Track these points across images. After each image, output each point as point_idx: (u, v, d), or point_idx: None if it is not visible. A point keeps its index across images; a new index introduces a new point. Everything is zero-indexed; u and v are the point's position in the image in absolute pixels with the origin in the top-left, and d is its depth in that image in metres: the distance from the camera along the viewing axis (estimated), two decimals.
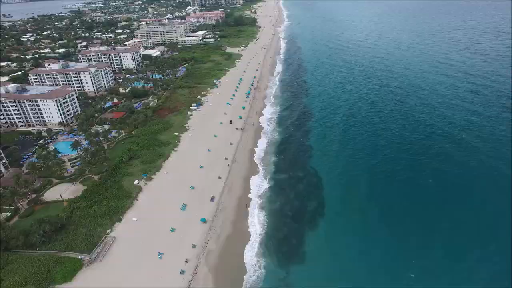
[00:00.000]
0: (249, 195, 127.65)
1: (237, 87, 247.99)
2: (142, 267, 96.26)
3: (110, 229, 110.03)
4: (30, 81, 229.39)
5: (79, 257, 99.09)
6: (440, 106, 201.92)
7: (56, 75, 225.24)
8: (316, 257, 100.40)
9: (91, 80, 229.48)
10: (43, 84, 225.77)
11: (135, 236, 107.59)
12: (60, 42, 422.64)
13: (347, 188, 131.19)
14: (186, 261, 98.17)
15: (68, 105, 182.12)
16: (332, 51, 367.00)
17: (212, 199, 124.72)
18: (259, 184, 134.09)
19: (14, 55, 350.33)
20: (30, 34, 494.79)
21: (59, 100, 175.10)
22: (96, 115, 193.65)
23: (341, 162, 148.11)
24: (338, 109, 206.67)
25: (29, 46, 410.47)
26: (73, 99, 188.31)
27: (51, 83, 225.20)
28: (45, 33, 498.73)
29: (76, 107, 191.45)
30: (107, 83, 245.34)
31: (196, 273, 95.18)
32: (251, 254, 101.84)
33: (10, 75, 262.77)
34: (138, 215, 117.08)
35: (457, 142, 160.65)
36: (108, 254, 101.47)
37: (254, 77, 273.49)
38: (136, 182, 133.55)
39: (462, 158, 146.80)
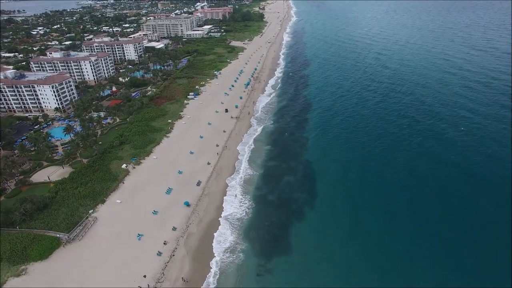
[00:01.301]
0: (236, 181, 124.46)
1: (237, 78, 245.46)
2: (119, 248, 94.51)
3: (92, 210, 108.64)
4: (32, 69, 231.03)
5: (58, 236, 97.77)
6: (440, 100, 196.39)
7: (57, 63, 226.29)
8: (298, 247, 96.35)
9: (91, 69, 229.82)
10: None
11: (117, 218, 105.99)
12: (68, 35, 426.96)
13: (339, 177, 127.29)
14: (164, 243, 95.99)
15: (64, 91, 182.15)
16: (337, 47, 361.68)
17: (199, 183, 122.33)
18: (247, 171, 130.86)
19: (22, 47, 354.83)
20: (41, 28, 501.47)
21: (55, 86, 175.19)
22: (94, 102, 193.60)
23: (335, 152, 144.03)
24: (337, 102, 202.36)
25: (37, 39, 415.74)
26: (70, 85, 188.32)
27: (52, 71, 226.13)
28: (55, 27, 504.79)
29: (73, 93, 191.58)
30: (107, 73, 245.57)
31: (173, 255, 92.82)
32: (231, 239, 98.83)
33: (15, 65, 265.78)
34: (122, 197, 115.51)
35: (455, 134, 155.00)
36: (87, 234, 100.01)
37: (255, 69, 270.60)
38: (124, 166, 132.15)
39: (459, 149, 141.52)
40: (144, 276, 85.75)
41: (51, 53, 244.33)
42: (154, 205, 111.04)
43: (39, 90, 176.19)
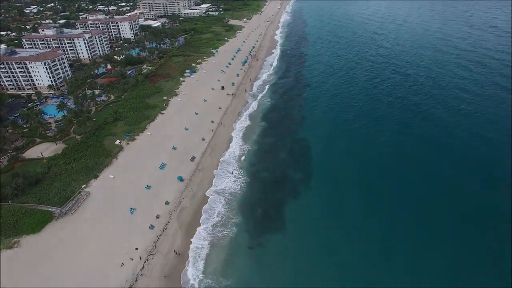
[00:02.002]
0: (231, 157, 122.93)
1: (234, 56, 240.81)
2: (112, 222, 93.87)
3: (85, 185, 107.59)
4: (24, 46, 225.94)
5: (50, 210, 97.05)
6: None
7: (50, 40, 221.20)
8: (291, 222, 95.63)
9: (86, 46, 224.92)
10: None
11: (109, 193, 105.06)
12: (62, 14, 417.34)
13: (332, 155, 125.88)
14: (157, 217, 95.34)
15: (57, 68, 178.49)
16: (334, 26, 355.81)
17: (193, 159, 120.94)
18: (242, 147, 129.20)
19: (15, 26, 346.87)
20: (34, 6, 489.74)
21: (48, 62, 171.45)
22: (88, 81, 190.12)
23: (330, 130, 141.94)
24: (333, 79, 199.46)
25: (31, 17, 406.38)
26: (63, 62, 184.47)
27: (45, 48, 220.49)
28: (49, 5, 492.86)
29: (66, 71, 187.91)
30: (102, 51, 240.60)
31: (166, 228, 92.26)
32: (224, 213, 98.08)
33: (7, 43, 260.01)
34: (116, 172, 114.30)
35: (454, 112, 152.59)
36: (80, 208, 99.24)
37: (253, 47, 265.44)
38: (117, 142, 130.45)
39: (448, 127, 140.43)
40: (136, 249, 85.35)
41: (43, 30, 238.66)
42: (147, 180, 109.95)
43: (31, 67, 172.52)
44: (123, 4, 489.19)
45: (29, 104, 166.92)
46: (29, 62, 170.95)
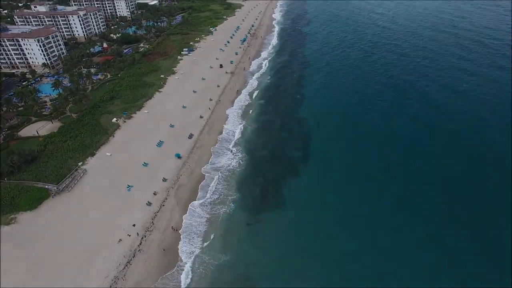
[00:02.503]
0: (229, 134, 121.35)
1: (233, 35, 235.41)
2: (109, 199, 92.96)
3: (81, 163, 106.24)
4: (16, 23, 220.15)
5: (46, 187, 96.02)
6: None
7: (43, 17, 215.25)
8: (289, 198, 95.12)
9: (81, 24, 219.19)
10: None
11: (106, 170, 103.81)
12: None
13: (329, 132, 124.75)
14: (154, 194, 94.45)
15: (52, 46, 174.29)
16: (333, 3, 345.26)
17: (190, 136, 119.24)
18: (241, 125, 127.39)
19: (7, 3, 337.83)
20: None
21: (41, 39, 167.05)
22: (84, 59, 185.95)
23: (328, 108, 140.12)
24: (333, 55, 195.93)
25: None
26: (58, 40, 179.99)
27: (38, 26, 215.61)
28: None
29: (61, 49, 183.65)
30: (98, 29, 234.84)
31: (163, 205, 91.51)
32: (222, 190, 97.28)
33: None
34: (113, 150, 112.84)
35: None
36: (77, 185, 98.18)
37: (252, 26, 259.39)
38: (114, 119, 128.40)
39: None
40: (134, 225, 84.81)
41: (35, 7, 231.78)
42: (145, 157, 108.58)
43: (24, 44, 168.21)
44: None
45: (23, 83, 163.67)
46: (22, 39, 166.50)
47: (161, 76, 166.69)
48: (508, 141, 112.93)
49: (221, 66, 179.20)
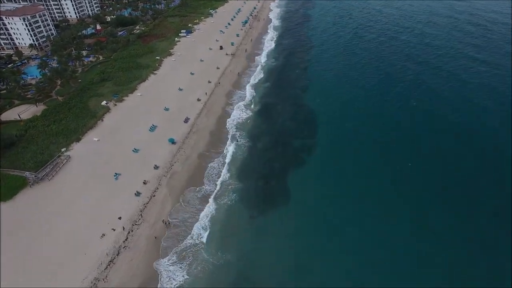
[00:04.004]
0: (228, 120, 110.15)
1: (234, 17, 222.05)
2: (93, 189, 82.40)
3: (65, 148, 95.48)
4: (3, 1, 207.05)
5: (24, 175, 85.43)
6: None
7: None
8: (295, 191, 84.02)
9: (73, 5, 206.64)
10: None
11: (93, 157, 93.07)
12: None
13: (336, 119, 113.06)
14: (144, 183, 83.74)
15: (39, 26, 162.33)
16: None
17: (186, 120, 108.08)
18: (241, 107, 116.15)
19: None
20: None
21: (27, 18, 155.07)
22: (75, 41, 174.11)
23: (337, 97, 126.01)
24: (339, 40, 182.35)
25: None
26: (46, 19, 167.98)
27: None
28: None
29: (50, 29, 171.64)
30: (91, 10, 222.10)
31: (154, 196, 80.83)
32: (222, 179, 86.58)
33: None
34: (101, 135, 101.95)
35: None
36: (59, 173, 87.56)
37: (255, 8, 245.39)
38: (104, 102, 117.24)
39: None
40: (119, 218, 74.35)
41: None
42: (136, 143, 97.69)
43: (9, 23, 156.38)
44: None
45: (9, 65, 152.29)
46: (6, 18, 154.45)
47: (157, 57, 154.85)
48: None
49: (221, 47, 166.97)
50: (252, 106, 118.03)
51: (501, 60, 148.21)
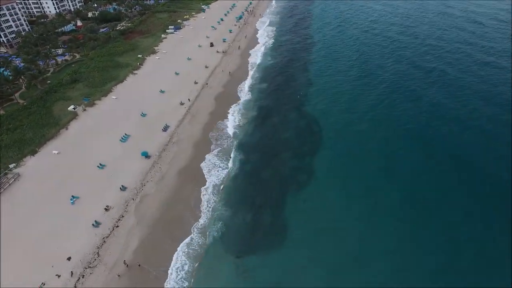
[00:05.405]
0: (216, 127, 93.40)
1: (228, 12, 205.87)
2: (42, 217, 65.51)
3: (15, 164, 78.41)
4: None
5: None
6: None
7: None
8: (294, 229, 67.13)
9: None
10: None
11: (48, 174, 76.14)
12: None
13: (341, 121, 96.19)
14: (106, 209, 66.76)
15: (8, 20, 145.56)
16: None
17: (165, 128, 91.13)
18: (235, 114, 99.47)
19: None
20: None
21: None
22: (48, 38, 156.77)
23: (341, 102, 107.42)
24: (343, 35, 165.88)
25: None
26: (16, 13, 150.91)
27: None
28: None
29: (22, 24, 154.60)
30: (73, 5, 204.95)
31: (117, 226, 63.85)
32: (206, 198, 69.86)
33: None
34: (62, 147, 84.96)
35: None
36: (1, 196, 70.45)
37: (250, 3, 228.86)
38: (71, 107, 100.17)
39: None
40: (68, 259, 57.32)
41: None
42: (102, 156, 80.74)
43: None
44: None
45: None
46: None
47: (139, 56, 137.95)
48: None
49: (211, 44, 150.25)
50: (246, 111, 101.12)
51: None
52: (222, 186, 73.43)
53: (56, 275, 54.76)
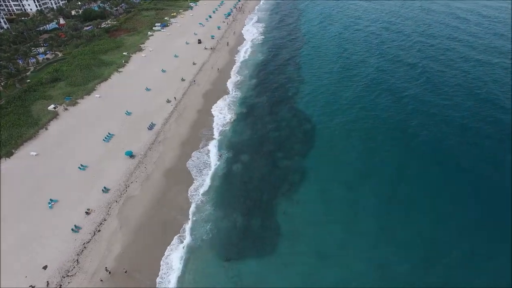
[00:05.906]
0: (204, 125, 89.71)
1: (216, 9, 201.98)
2: (16, 223, 60.84)
3: None
4: None
5: None
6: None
7: None
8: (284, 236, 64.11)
9: None
10: None
11: (24, 177, 71.44)
12: None
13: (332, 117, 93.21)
14: (87, 213, 62.50)
15: None
16: None
17: (151, 127, 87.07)
18: (224, 112, 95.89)
19: None
20: None
21: None
22: (32, 35, 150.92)
23: (332, 98, 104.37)
24: (332, 32, 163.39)
25: None
26: None
27: None
28: None
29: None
30: (55, 3, 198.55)
31: (98, 231, 59.69)
32: (194, 198, 66.20)
33: None
34: (41, 148, 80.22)
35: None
36: None
37: (239, 0, 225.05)
38: (52, 106, 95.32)
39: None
40: (44, 268, 53.04)
41: None
42: (84, 157, 76.36)
43: None
44: None
45: None
46: None
47: (124, 53, 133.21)
48: None
49: (199, 41, 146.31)
50: (235, 108, 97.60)
51: None
52: (210, 186, 69.80)
53: (30, 286, 50.41)
